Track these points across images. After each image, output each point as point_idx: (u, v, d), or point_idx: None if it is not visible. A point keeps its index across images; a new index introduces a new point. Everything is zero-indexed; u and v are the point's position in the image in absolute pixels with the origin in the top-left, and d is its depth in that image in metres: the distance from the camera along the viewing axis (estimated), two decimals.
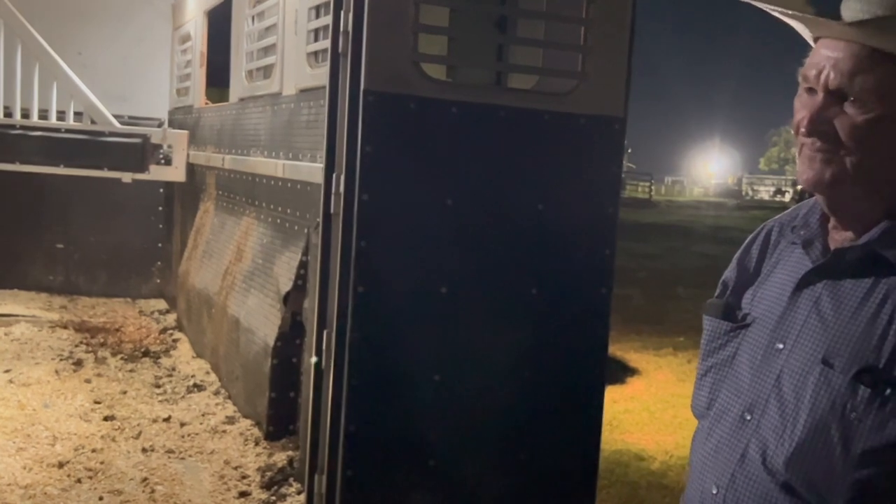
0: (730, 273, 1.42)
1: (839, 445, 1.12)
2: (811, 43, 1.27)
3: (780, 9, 1.24)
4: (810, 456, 1.14)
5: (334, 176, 2.87)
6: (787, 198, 45.11)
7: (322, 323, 2.94)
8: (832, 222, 1.27)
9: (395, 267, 2.87)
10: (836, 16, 1.22)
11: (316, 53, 3.72)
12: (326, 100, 2.91)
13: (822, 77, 1.19)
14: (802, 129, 1.21)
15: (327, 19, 3.13)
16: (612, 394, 3.70)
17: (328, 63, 2.91)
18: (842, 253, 1.22)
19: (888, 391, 1.10)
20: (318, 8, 3.72)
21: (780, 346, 1.23)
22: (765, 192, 53.30)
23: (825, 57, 1.20)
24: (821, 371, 1.16)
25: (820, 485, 1.13)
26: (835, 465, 1.12)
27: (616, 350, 6.86)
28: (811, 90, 1.22)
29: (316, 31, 3.73)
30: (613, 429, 5.19)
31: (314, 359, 2.93)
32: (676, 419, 5.56)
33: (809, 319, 1.21)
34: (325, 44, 3.18)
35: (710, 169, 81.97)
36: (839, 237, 1.26)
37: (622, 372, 6.65)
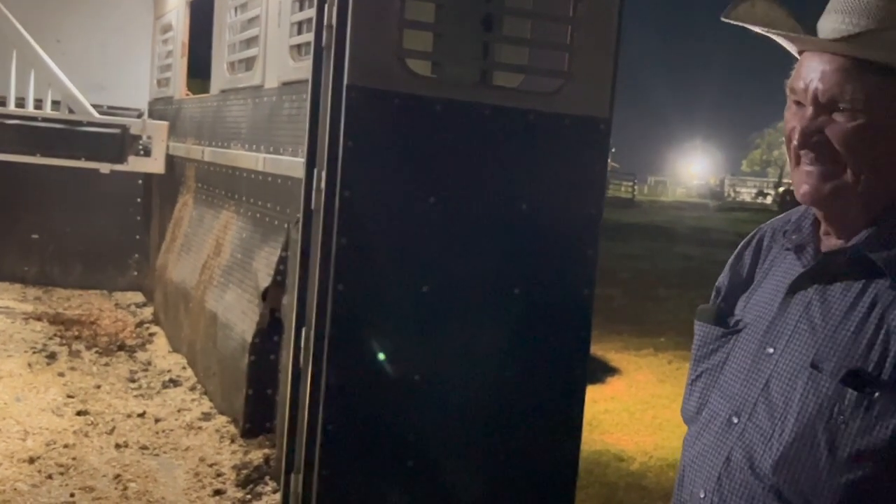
0: (722, 279, 1.43)
1: (826, 449, 1.13)
2: (795, 55, 1.28)
3: (763, 27, 1.25)
4: (797, 460, 1.15)
5: (315, 171, 2.84)
6: (769, 200, 45.48)
7: (301, 320, 2.91)
8: (824, 228, 1.28)
9: (376, 265, 2.84)
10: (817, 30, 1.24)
11: (299, 46, 3.67)
12: (309, 94, 2.87)
13: (811, 90, 1.20)
14: (795, 142, 1.23)
15: (311, 12, 3.09)
16: (591, 394, 3.68)
17: (311, 57, 2.87)
18: (830, 257, 1.23)
19: (875, 394, 1.11)
20: (301, 0, 3.68)
21: (771, 350, 1.24)
22: (747, 194, 53.70)
23: (812, 69, 1.21)
24: (809, 375, 1.16)
25: (807, 489, 1.14)
26: (821, 468, 1.13)
27: (596, 350, 6.85)
28: (800, 103, 1.23)
29: (299, 23, 3.69)
30: (593, 429, 5.18)
31: None
32: (656, 420, 5.56)
33: (800, 324, 1.22)
34: (309, 37, 3.14)
35: (692, 170, 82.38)
36: (831, 242, 1.27)
37: (602, 372, 6.65)
